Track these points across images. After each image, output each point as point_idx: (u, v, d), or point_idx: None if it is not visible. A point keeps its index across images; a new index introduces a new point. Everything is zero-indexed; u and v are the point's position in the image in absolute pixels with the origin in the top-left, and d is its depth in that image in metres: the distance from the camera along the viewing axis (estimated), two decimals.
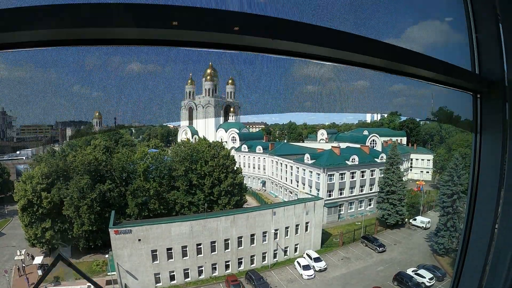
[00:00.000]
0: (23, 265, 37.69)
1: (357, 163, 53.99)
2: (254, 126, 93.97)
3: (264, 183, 66.12)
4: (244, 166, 66.48)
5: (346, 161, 53.59)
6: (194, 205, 44.84)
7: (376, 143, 65.74)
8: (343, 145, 63.53)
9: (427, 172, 68.75)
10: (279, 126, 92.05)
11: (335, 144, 61.84)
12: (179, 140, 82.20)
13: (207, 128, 78.29)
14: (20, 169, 59.61)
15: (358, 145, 60.70)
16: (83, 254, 42.70)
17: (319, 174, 52.18)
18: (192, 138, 78.77)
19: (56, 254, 42.62)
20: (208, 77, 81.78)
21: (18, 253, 38.30)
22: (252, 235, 40.91)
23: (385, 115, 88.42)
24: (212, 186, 45.21)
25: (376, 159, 56.45)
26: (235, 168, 48.19)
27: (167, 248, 37.24)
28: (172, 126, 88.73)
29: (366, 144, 61.98)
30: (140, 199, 42.27)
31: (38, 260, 39.94)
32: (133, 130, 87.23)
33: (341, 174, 52.97)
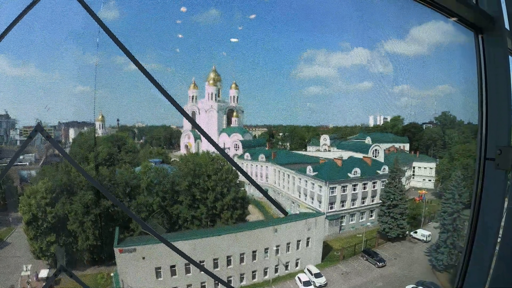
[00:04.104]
0: (29, 280, 38.38)
1: (359, 175, 54.19)
2: (256, 129, 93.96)
3: (266, 192, 66.47)
4: None
5: (348, 174, 53.77)
6: (197, 219, 45.35)
7: (378, 153, 65.88)
8: (346, 153, 63.64)
9: (430, 180, 68.88)
10: (282, 128, 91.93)
11: (337, 154, 61.80)
12: (181, 145, 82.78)
13: (210, 132, 78.39)
14: (23, 175, 60.09)
15: (360, 155, 60.72)
16: (88, 266, 43.45)
17: (321, 187, 52.49)
18: (195, 142, 79.20)
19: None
20: (211, 82, 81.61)
21: (25, 269, 38.95)
22: (254, 251, 41.52)
23: (388, 119, 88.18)
24: (215, 201, 45.62)
25: (378, 171, 56.60)
26: (238, 182, 48.47)
27: (170, 265, 37.98)
28: (174, 127, 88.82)
29: (369, 155, 62.10)
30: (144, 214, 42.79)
31: (44, 273, 40.86)
32: (136, 132, 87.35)
33: (343, 186, 53.26)
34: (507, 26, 3.21)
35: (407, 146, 78.32)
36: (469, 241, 3.62)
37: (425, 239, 50.14)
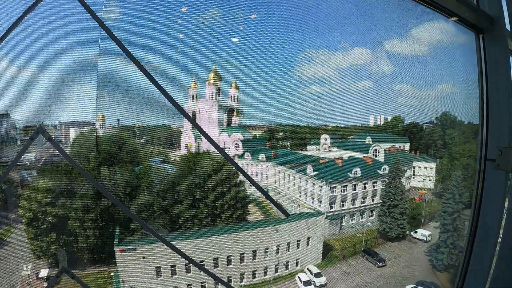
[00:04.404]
0: (30, 280, 38.43)
1: (359, 175, 54.20)
2: (256, 129, 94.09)
3: (266, 191, 66.47)
4: None
5: (349, 174, 53.78)
6: (197, 219, 45.37)
7: (379, 152, 65.90)
8: (346, 153, 63.72)
9: (430, 180, 68.88)
10: (282, 128, 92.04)
11: (337, 154, 61.94)
12: (182, 145, 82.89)
13: (210, 132, 78.45)
14: (24, 175, 60.18)
15: (361, 155, 60.77)
16: (88, 266, 43.50)
17: (321, 187, 52.51)
18: (195, 142, 79.28)
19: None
20: (212, 81, 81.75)
21: (25, 268, 38.97)
22: (254, 251, 41.54)
23: (388, 119, 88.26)
24: (215, 200, 45.62)
25: (378, 171, 56.60)
26: (238, 182, 48.44)
27: (171, 265, 37.97)
28: (175, 126, 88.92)
29: (369, 155, 62.15)
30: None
31: (44, 272, 40.91)
32: (136, 131, 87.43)
33: (343, 186, 53.29)
34: (508, 26, 3.21)
35: (407, 146, 78.38)
36: (469, 241, 3.63)
37: (425, 239, 50.15)
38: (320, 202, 52.64)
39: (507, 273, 3.06)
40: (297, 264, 44.41)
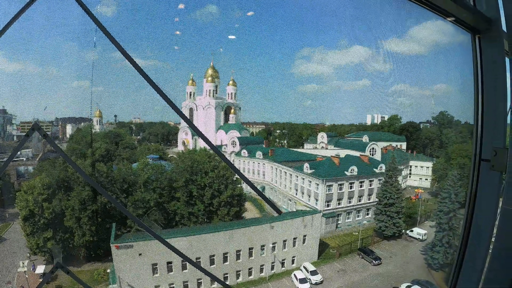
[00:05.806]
0: (26, 276, 38.31)
1: (356, 174, 54.37)
2: (254, 126, 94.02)
3: (263, 189, 66.72)
4: (244, 171, 67.00)
5: (345, 172, 53.94)
6: (193, 216, 45.38)
7: (375, 151, 66.08)
8: (343, 151, 63.91)
9: (426, 179, 69.22)
10: (279, 125, 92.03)
11: (334, 152, 62.13)
12: (179, 142, 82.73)
13: (207, 129, 78.38)
14: (21, 171, 59.93)
15: (357, 153, 60.95)
16: (84, 262, 43.43)
17: (318, 185, 52.64)
18: (192, 139, 79.15)
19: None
20: (209, 78, 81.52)
21: (21, 264, 38.82)
22: (251, 248, 41.65)
23: (386, 118, 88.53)
24: (212, 197, 45.63)
25: (375, 169, 56.78)
26: (235, 179, 48.46)
27: (167, 262, 38.00)
28: (172, 123, 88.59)
29: (366, 153, 62.34)
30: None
31: (41, 269, 40.80)
32: (134, 128, 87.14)
33: (340, 184, 53.45)
34: (504, 27, 3.22)
35: (404, 145, 78.61)
36: (463, 241, 3.65)
37: (420, 238, 50.46)
38: (317, 200, 52.81)
39: (500, 273, 3.08)
40: (293, 261, 44.56)
